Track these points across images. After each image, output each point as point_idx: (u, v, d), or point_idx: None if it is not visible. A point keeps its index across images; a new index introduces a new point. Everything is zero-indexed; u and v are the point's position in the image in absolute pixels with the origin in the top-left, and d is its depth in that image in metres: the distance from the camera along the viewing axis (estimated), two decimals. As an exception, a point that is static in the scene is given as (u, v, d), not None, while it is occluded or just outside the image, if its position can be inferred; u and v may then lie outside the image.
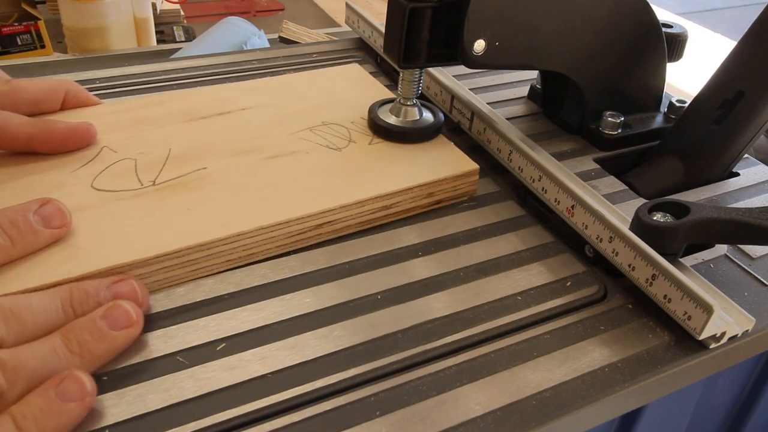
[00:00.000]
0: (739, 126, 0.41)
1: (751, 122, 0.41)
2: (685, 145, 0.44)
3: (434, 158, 0.41)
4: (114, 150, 0.39)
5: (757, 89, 0.40)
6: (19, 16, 0.92)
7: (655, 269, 0.32)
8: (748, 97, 0.40)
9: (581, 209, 0.37)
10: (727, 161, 0.43)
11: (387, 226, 0.39)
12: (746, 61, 0.41)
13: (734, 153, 0.43)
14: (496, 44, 0.39)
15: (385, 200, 0.38)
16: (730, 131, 0.42)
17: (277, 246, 0.35)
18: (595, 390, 0.30)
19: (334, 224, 0.37)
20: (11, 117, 0.37)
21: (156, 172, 0.38)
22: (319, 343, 0.31)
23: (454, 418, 0.28)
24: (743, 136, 0.42)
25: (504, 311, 0.34)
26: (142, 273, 0.32)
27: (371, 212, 0.38)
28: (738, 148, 0.43)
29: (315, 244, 0.37)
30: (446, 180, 0.40)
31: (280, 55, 0.57)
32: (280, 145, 0.41)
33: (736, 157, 0.43)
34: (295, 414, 0.28)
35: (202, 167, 0.38)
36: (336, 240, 0.37)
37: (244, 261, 0.35)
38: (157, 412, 0.27)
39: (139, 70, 0.52)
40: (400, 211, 0.39)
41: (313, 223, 0.36)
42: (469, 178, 0.41)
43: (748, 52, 0.41)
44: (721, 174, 0.44)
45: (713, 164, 0.43)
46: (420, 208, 0.40)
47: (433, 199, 0.40)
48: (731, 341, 0.32)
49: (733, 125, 0.42)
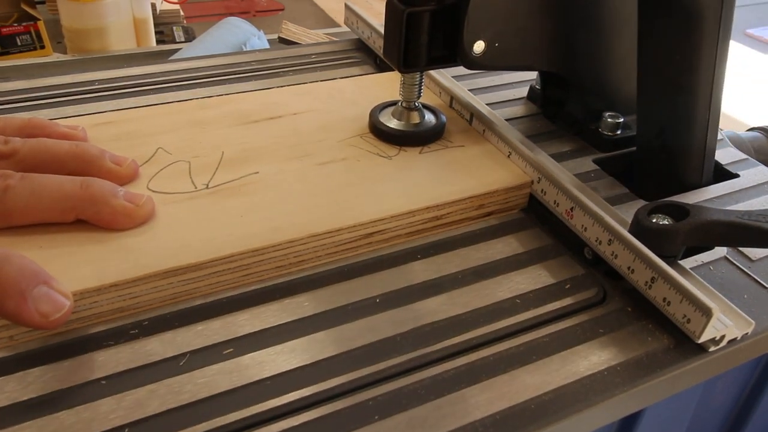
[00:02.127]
0: (682, 149, 0.41)
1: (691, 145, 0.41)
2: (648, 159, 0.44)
3: (487, 168, 0.41)
4: (168, 152, 0.40)
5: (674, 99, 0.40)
6: (18, 16, 0.92)
7: (654, 272, 0.32)
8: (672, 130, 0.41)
9: (580, 211, 0.37)
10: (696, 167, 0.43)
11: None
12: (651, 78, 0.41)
13: (697, 159, 0.42)
14: (495, 45, 0.39)
15: (435, 211, 0.38)
16: (678, 154, 0.42)
17: (327, 254, 0.35)
18: (595, 393, 0.30)
19: (384, 233, 0.37)
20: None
21: (209, 176, 0.38)
22: (318, 346, 0.31)
23: (452, 421, 0.28)
24: (693, 154, 0.42)
25: (503, 314, 0.34)
26: (194, 276, 0.32)
27: (421, 222, 0.38)
28: (697, 154, 0.42)
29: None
30: (498, 192, 0.39)
31: (279, 56, 0.57)
32: (330, 151, 0.41)
33: (702, 162, 0.42)
34: (294, 418, 0.28)
35: (254, 172, 0.39)
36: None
37: (294, 268, 0.35)
38: (155, 417, 0.27)
39: (139, 71, 0.52)
40: (450, 222, 0.39)
41: (363, 232, 0.36)
42: (522, 191, 0.40)
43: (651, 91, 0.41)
44: (699, 180, 0.43)
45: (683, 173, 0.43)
46: (470, 219, 0.39)
47: (483, 211, 0.40)
48: (731, 344, 0.32)
49: (676, 150, 0.42)
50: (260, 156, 0.40)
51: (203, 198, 0.36)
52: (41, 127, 0.38)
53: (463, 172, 0.40)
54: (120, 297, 0.31)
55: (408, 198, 0.38)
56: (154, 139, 0.41)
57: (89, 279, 0.30)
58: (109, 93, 0.49)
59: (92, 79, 0.51)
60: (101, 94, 0.49)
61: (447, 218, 0.38)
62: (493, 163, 0.42)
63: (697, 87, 0.39)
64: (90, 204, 0.33)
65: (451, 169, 0.41)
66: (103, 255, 0.32)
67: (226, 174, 0.38)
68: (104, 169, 0.36)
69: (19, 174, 0.32)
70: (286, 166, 0.39)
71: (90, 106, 0.47)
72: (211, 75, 0.53)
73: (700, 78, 0.39)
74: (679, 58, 0.38)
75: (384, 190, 0.38)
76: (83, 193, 0.33)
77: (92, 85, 0.50)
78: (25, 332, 0.30)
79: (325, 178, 0.39)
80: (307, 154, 0.41)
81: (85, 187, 0.33)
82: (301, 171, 0.39)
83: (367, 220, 0.36)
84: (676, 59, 0.38)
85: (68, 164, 0.35)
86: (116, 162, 0.37)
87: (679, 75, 0.39)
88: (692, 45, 0.38)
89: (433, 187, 0.39)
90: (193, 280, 0.32)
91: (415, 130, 0.43)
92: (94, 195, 0.33)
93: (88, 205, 0.33)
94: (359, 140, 0.43)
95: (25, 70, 0.71)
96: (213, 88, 0.51)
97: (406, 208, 0.37)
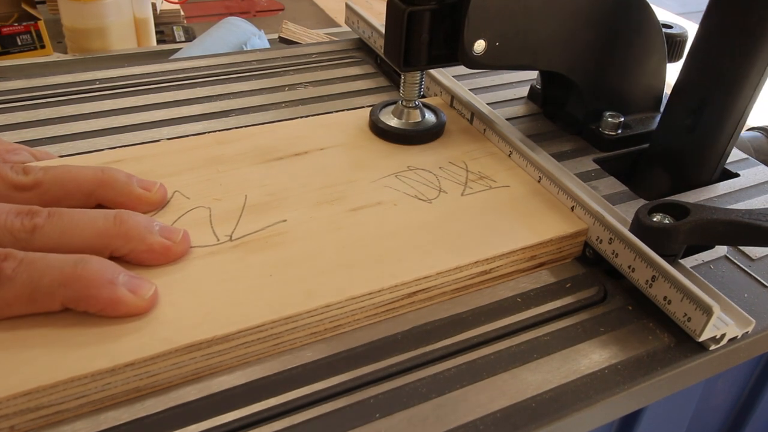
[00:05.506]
0: (712, 131, 0.41)
1: (723, 127, 0.41)
2: (666, 153, 0.44)
3: (536, 213, 0.37)
4: (186, 196, 0.36)
5: (719, 96, 0.40)
6: (19, 16, 0.92)
7: (655, 270, 0.32)
8: (713, 105, 0.40)
9: (581, 210, 0.37)
10: (712, 165, 0.43)
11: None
12: (702, 69, 0.41)
13: (716, 156, 0.42)
14: (496, 45, 0.39)
15: (484, 265, 0.34)
16: (705, 137, 0.42)
17: (366, 316, 0.32)
18: (595, 392, 0.30)
19: (429, 291, 0.33)
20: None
21: (233, 225, 0.34)
22: (319, 345, 0.31)
23: (453, 420, 0.28)
24: (720, 140, 0.42)
25: (504, 313, 0.34)
26: (221, 349, 0.29)
27: (469, 278, 0.34)
28: (718, 152, 0.42)
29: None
30: (552, 241, 0.36)
31: (280, 56, 0.57)
32: (363, 193, 0.38)
33: (719, 160, 0.43)
34: (296, 416, 0.28)
35: (281, 220, 0.35)
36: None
37: (329, 334, 0.31)
38: (157, 415, 0.27)
39: (139, 71, 0.52)
40: (499, 276, 0.35)
41: (406, 291, 0.32)
42: (576, 239, 0.37)
43: (701, 60, 0.41)
44: (710, 177, 0.44)
45: (698, 169, 0.43)
46: (520, 272, 0.36)
47: (535, 263, 0.36)
48: (731, 343, 0.32)
49: (706, 131, 0.41)
50: (286, 200, 0.37)
51: (227, 253, 0.33)
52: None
53: (511, 218, 0.37)
54: (136, 377, 0.27)
55: (454, 251, 0.34)
56: (170, 181, 0.37)
57: (101, 359, 0.27)
58: (109, 92, 0.49)
59: (93, 79, 0.51)
60: (102, 93, 0.49)
61: (496, 271, 0.35)
62: (543, 205, 0.38)
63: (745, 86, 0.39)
64: (125, 242, 0.30)
65: (498, 215, 0.37)
66: (115, 328, 0.28)
67: (250, 223, 0.35)
68: (133, 196, 0.34)
69: (46, 211, 0.30)
70: (316, 213, 0.36)
71: (90, 105, 0.48)
72: (211, 74, 0.53)
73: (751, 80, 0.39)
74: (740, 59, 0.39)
75: (426, 241, 0.34)
76: (117, 230, 0.30)
77: (93, 85, 0.50)
78: (27, 421, 0.26)
79: (360, 228, 0.35)
80: (337, 198, 0.37)
81: (118, 223, 0.30)
82: (333, 219, 0.36)
83: (411, 279, 0.32)
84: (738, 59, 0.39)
85: (95, 192, 0.33)
86: (145, 187, 0.34)
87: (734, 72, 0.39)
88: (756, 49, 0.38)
89: (481, 238, 0.35)
90: (220, 352, 0.29)
91: (415, 129, 0.43)
92: (129, 232, 0.30)
93: (122, 243, 0.30)
94: (394, 180, 0.39)
95: (26, 70, 0.71)
96: (213, 87, 0.51)
97: (453, 264, 0.33)
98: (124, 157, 0.39)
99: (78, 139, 0.44)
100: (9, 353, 0.27)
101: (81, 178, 0.33)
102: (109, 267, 0.29)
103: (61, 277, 0.28)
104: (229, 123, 0.47)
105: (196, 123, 0.47)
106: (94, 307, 0.28)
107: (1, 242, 0.29)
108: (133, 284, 0.29)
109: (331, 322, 0.31)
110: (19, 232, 0.29)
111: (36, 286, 0.27)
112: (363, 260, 0.33)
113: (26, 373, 0.26)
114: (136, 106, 0.48)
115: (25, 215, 0.30)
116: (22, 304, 0.28)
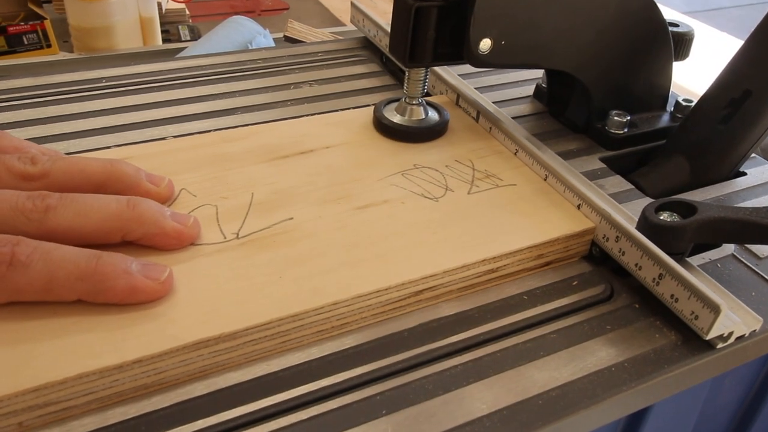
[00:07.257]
0: (746, 125, 0.41)
1: (758, 121, 0.41)
2: (691, 145, 0.43)
3: (543, 212, 0.37)
4: (193, 194, 0.36)
5: (765, 88, 0.40)
6: (25, 15, 0.93)
7: (661, 269, 0.32)
8: (756, 96, 0.40)
9: (588, 208, 0.37)
10: (734, 160, 0.43)
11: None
12: (753, 59, 0.41)
13: (741, 152, 0.43)
14: (502, 43, 0.39)
15: (491, 263, 0.34)
16: (736, 130, 0.42)
17: (372, 314, 0.32)
18: (602, 389, 0.30)
19: (436, 290, 0.33)
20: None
21: (239, 222, 0.35)
22: (325, 341, 0.31)
23: (460, 417, 0.28)
24: (750, 135, 0.42)
25: (510, 310, 0.34)
26: (229, 346, 0.29)
27: (476, 276, 0.34)
28: (745, 147, 0.42)
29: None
30: (558, 240, 0.36)
31: (285, 54, 0.57)
32: (370, 192, 0.38)
33: (743, 157, 0.43)
34: (302, 412, 0.28)
35: (287, 218, 0.35)
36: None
37: (336, 332, 0.31)
38: (164, 410, 0.27)
39: (145, 69, 0.52)
40: (506, 275, 0.35)
41: (413, 290, 0.32)
42: (583, 238, 0.37)
43: (755, 51, 0.41)
44: (728, 173, 0.44)
45: (720, 163, 0.43)
46: (527, 270, 0.36)
47: (542, 261, 0.36)
48: (738, 341, 0.32)
49: (739, 124, 0.41)
50: (293, 198, 0.37)
51: (234, 250, 0.33)
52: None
53: (518, 217, 0.37)
54: (144, 374, 0.27)
55: (461, 249, 0.34)
56: (177, 179, 0.37)
57: (109, 356, 0.27)
58: (115, 90, 0.49)
59: (99, 77, 0.51)
60: (108, 91, 0.49)
61: (503, 270, 0.35)
62: (549, 204, 0.38)
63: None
64: (138, 224, 0.31)
65: (505, 213, 0.37)
66: (123, 326, 0.28)
67: (257, 220, 0.35)
68: (142, 190, 0.34)
69: (57, 194, 0.30)
70: (322, 211, 0.36)
71: (96, 103, 0.48)
72: (217, 73, 0.53)
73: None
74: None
75: (434, 239, 0.34)
76: (131, 214, 0.30)
77: (99, 83, 0.50)
78: (35, 418, 0.26)
79: (367, 226, 0.35)
80: (343, 196, 0.37)
81: (132, 207, 0.31)
82: (339, 217, 0.36)
83: (418, 277, 0.32)
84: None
85: (103, 185, 0.33)
86: (153, 182, 0.35)
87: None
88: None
89: (487, 236, 0.35)
90: (227, 350, 0.29)
91: (418, 126, 0.43)
92: (143, 215, 0.31)
93: (136, 226, 0.31)
94: (401, 179, 0.39)
95: (32, 69, 0.71)
96: (219, 85, 0.51)
97: (460, 262, 0.33)
98: (130, 154, 0.39)
99: (84, 136, 0.44)
100: (17, 349, 0.27)
101: (90, 169, 0.33)
102: (122, 257, 0.29)
103: (77, 272, 0.28)
104: (235, 121, 0.47)
105: (202, 121, 0.47)
106: (113, 298, 0.28)
107: (14, 225, 0.29)
108: (147, 270, 0.29)
109: (338, 320, 0.31)
110: (32, 213, 0.29)
111: (52, 278, 0.27)
112: (370, 258, 0.33)
113: (34, 370, 0.26)
114: (142, 104, 0.48)
115: (36, 197, 0.29)
116: (35, 292, 0.27)
